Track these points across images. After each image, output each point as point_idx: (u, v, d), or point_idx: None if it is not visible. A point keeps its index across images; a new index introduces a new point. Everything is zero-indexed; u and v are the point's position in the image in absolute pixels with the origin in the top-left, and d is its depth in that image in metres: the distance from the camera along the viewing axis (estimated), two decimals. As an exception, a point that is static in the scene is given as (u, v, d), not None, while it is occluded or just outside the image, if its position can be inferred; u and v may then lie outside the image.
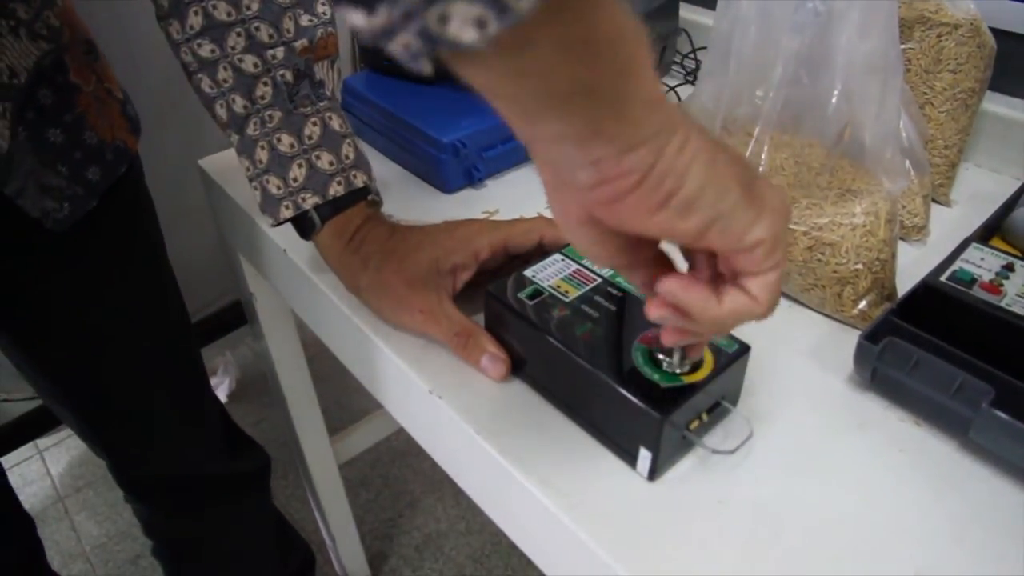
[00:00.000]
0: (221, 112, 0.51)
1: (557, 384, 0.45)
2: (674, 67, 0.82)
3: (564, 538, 0.39)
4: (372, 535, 1.35)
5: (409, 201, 0.66)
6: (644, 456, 0.40)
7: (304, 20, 0.51)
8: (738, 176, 0.29)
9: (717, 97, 0.54)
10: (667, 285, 0.32)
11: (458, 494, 1.41)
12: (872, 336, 0.45)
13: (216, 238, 0.84)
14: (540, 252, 0.50)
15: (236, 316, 1.46)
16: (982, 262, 0.49)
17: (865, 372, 0.45)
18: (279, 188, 0.51)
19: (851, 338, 0.47)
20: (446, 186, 0.66)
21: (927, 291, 0.47)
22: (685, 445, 0.42)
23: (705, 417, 0.41)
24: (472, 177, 0.66)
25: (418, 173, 0.69)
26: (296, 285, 0.62)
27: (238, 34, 0.49)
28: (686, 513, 0.39)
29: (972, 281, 0.47)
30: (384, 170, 0.70)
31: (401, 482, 1.45)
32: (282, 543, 1.03)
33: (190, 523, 0.89)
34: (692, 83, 0.80)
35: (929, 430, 0.44)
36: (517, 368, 0.47)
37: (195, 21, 0.49)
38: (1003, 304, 0.45)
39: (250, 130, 0.51)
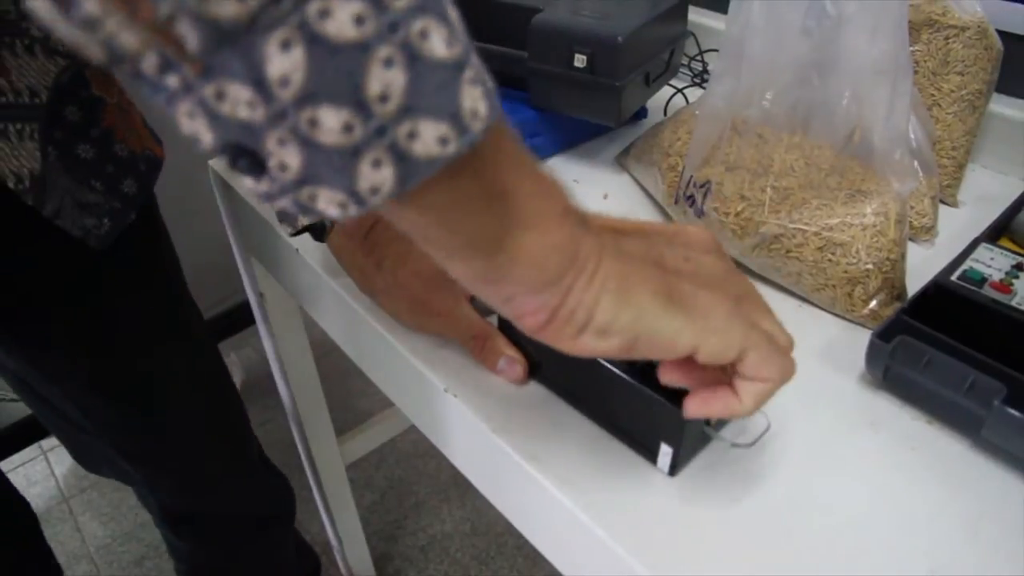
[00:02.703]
0: None
1: (574, 383, 0.45)
2: (682, 70, 0.82)
3: (581, 535, 0.40)
4: (377, 536, 1.35)
5: (420, 202, 0.66)
6: (665, 452, 0.40)
7: None
8: (656, 289, 0.31)
9: (728, 99, 0.54)
10: (690, 411, 0.35)
11: (463, 496, 1.42)
12: (884, 335, 0.45)
13: (219, 239, 0.84)
14: None
15: (241, 318, 1.46)
16: (992, 262, 0.49)
17: (877, 371, 0.46)
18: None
19: (862, 338, 0.47)
20: (457, 187, 0.66)
21: (938, 291, 0.48)
22: (704, 439, 0.42)
23: None
24: (483, 178, 0.66)
25: (428, 174, 0.69)
26: (308, 285, 0.62)
27: None
28: (702, 511, 0.40)
29: (982, 281, 0.48)
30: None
31: (406, 484, 1.45)
32: (297, 557, 1.04)
33: (221, 556, 0.90)
34: (699, 85, 0.81)
35: (941, 428, 0.44)
36: (533, 370, 0.47)
37: None
38: (1014, 303, 0.46)
39: None
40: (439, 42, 0.22)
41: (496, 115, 0.24)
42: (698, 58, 0.83)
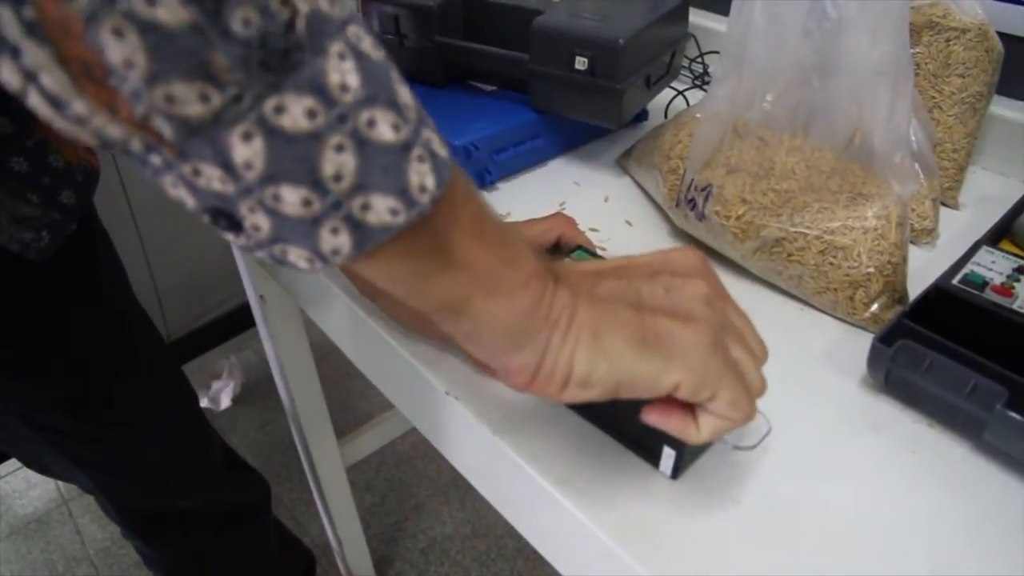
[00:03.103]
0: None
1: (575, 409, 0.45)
2: (683, 72, 0.82)
3: (583, 537, 0.40)
4: (378, 539, 1.35)
5: (421, 204, 0.66)
6: (668, 455, 0.40)
7: None
8: (629, 336, 0.32)
9: (730, 101, 0.54)
10: (649, 417, 0.35)
11: (463, 497, 1.41)
12: (886, 338, 0.45)
13: (219, 241, 0.84)
14: (555, 250, 0.50)
15: (240, 320, 1.47)
16: (993, 265, 0.49)
17: (879, 374, 0.46)
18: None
19: (863, 341, 0.47)
20: (457, 189, 0.66)
21: (939, 294, 0.48)
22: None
23: None
24: (484, 180, 0.66)
25: (429, 177, 0.69)
26: (308, 286, 0.62)
27: None
28: (704, 512, 0.40)
29: (984, 284, 0.48)
30: (395, 174, 0.70)
31: (406, 486, 1.45)
32: (283, 553, 1.03)
33: (189, 554, 0.89)
34: (700, 87, 0.81)
35: (943, 432, 0.44)
36: None
37: None
38: (1015, 307, 0.46)
39: None
40: (386, 128, 0.25)
41: (444, 184, 0.27)
42: (699, 60, 0.83)
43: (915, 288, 0.51)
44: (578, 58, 0.62)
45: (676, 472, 0.41)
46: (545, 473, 0.41)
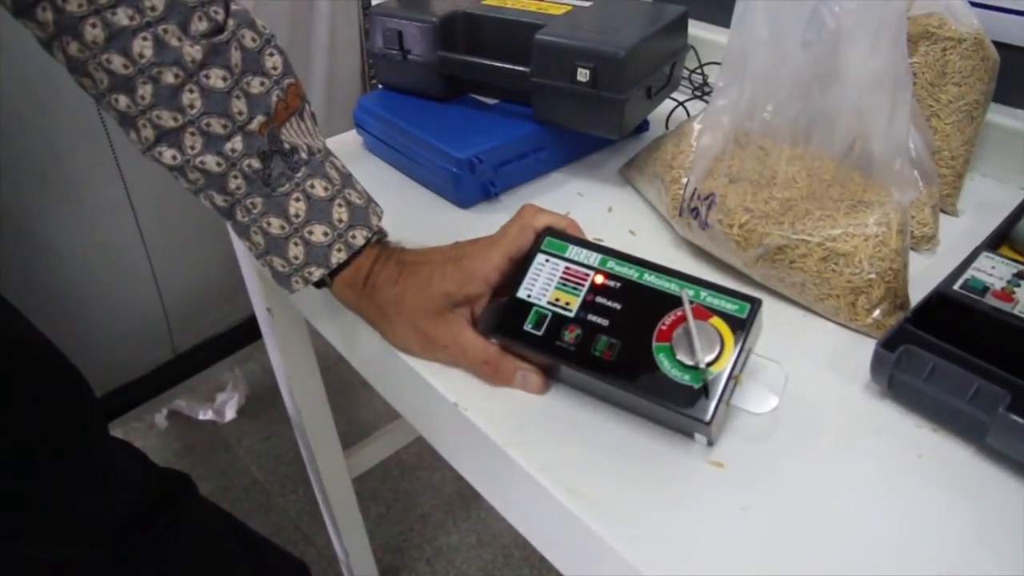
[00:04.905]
0: (207, 203, 0.50)
1: (592, 389, 0.47)
2: (683, 83, 0.83)
3: (592, 546, 0.40)
4: (383, 549, 1.35)
5: (425, 216, 0.67)
6: (699, 439, 0.43)
7: (255, 87, 0.47)
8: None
9: (731, 111, 0.55)
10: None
11: (468, 507, 1.42)
12: (888, 344, 0.46)
13: (224, 257, 0.84)
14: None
15: (245, 333, 1.47)
16: (993, 270, 0.50)
17: (882, 379, 0.46)
18: (283, 266, 0.50)
19: (866, 346, 0.48)
20: (462, 201, 0.67)
21: (941, 300, 0.48)
22: (732, 411, 0.44)
23: (740, 376, 0.43)
24: (488, 192, 0.67)
25: (434, 188, 0.70)
26: (315, 300, 0.63)
27: (192, 134, 0.46)
28: (711, 519, 0.40)
29: (984, 289, 0.48)
30: (400, 186, 0.71)
31: (411, 496, 1.45)
32: (261, 569, 0.97)
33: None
34: (700, 98, 0.82)
35: (946, 436, 0.45)
36: (548, 374, 0.48)
37: (148, 133, 0.46)
38: (1016, 311, 0.46)
39: (239, 217, 0.50)
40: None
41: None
42: (698, 71, 0.84)
43: (916, 294, 0.52)
44: (580, 70, 0.63)
45: (711, 442, 0.44)
46: (555, 483, 0.42)
